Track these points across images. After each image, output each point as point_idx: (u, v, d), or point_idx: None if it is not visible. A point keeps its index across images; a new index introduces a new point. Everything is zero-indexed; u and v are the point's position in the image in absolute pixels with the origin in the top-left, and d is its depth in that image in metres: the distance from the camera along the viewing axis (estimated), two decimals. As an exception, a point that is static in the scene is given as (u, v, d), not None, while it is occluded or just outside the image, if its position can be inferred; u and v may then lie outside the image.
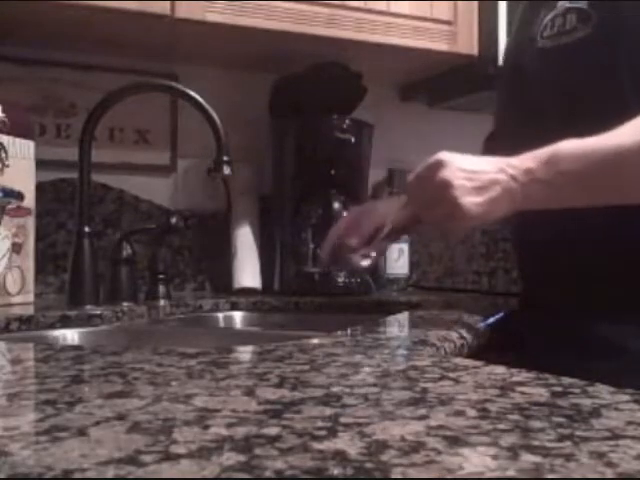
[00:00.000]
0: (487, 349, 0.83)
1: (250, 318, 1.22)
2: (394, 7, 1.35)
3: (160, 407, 0.37)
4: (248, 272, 1.36)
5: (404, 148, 1.63)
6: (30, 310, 1.03)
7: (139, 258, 1.19)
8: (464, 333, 0.76)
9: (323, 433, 0.32)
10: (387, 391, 0.42)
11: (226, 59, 1.44)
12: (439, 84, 1.59)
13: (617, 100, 0.77)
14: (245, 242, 1.39)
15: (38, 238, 1.19)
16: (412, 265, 1.54)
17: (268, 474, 0.26)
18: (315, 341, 0.64)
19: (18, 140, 1.12)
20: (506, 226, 0.96)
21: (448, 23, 1.40)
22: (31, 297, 1.13)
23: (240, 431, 0.32)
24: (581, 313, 0.80)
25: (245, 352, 0.61)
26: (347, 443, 0.30)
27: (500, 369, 0.48)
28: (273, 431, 0.32)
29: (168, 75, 1.39)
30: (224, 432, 0.32)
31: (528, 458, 0.28)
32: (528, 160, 0.71)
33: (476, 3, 1.42)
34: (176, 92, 1.16)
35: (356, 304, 1.20)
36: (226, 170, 1.06)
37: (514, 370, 0.47)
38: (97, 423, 0.34)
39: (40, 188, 1.20)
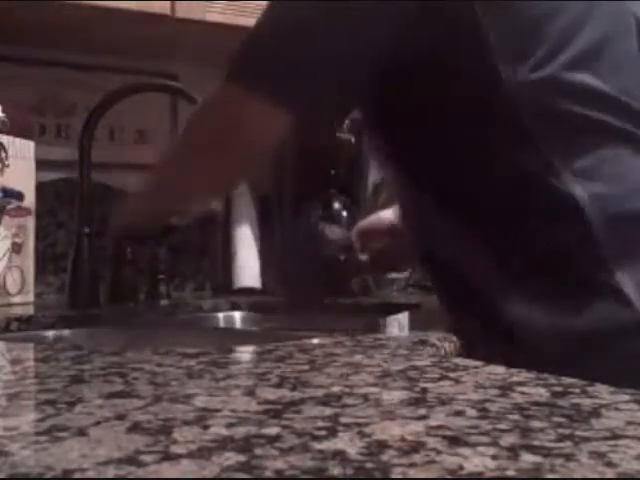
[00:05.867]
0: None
1: (250, 318, 1.22)
2: (394, 7, 1.35)
3: (160, 407, 0.37)
4: (248, 272, 1.36)
5: (404, 148, 1.62)
6: (30, 310, 1.03)
7: (139, 258, 1.19)
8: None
9: (323, 433, 0.32)
10: (387, 391, 0.42)
11: (226, 59, 1.43)
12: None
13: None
14: (245, 242, 1.39)
15: (38, 238, 1.19)
16: (412, 265, 1.53)
17: (268, 474, 0.26)
18: (315, 341, 0.64)
19: (18, 140, 1.12)
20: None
21: (448, 23, 1.40)
22: (31, 297, 1.13)
23: (240, 431, 0.32)
24: None
25: (245, 352, 0.61)
26: (347, 443, 0.30)
27: (500, 369, 0.48)
28: (273, 431, 0.32)
29: (168, 75, 1.39)
30: (224, 432, 0.32)
31: (528, 458, 0.28)
32: None
33: (476, 3, 1.42)
34: (176, 92, 1.15)
35: (356, 304, 1.20)
36: (226, 170, 1.06)
37: (514, 370, 0.47)
38: (97, 423, 0.34)
39: (40, 188, 1.20)
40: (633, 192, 0.67)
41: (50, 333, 0.96)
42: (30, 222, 1.14)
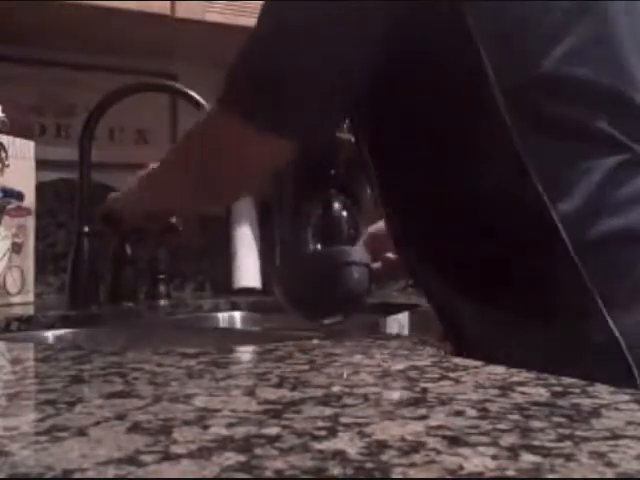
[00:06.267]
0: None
1: (250, 318, 1.22)
2: (394, 7, 1.35)
3: (160, 407, 0.37)
4: (248, 272, 1.36)
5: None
6: (30, 310, 1.03)
7: (139, 258, 1.19)
8: (464, 333, 0.76)
9: (323, 433, 0.32)
10: (387, 391, 0.42)
11: (226, 59, 1.43)
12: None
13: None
14: (245, 242, 1.39)
15: (38, 238, 1.19)
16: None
17: (268, 474, 0.26)
18: (315, 341, 0.64)
19: (18, 140, 1.12)
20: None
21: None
22: (31, 297, 1.13)
23: (240, 431, 0.32)
24: None
25: (245, 352, 0.61)
26: (347, 443, 0.30)
27: (500, 369, 0.48)
28: (273, 431, 0.32)
29: (168, 75, 1.39)
30: (224, 432, 0.32)
31: (528, 458, 0.28)
32: None
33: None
34: (176, 92, 1.16)
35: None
36: (226, 170, 1.05)
37: (514, 370, 0.47)
38: (97, 423, 0.34)
39: (40, 188, 1.20)
40: (612, 210, 0.63)
41: (50, 333, 0.96)
42: (30, 222, 1.14)
